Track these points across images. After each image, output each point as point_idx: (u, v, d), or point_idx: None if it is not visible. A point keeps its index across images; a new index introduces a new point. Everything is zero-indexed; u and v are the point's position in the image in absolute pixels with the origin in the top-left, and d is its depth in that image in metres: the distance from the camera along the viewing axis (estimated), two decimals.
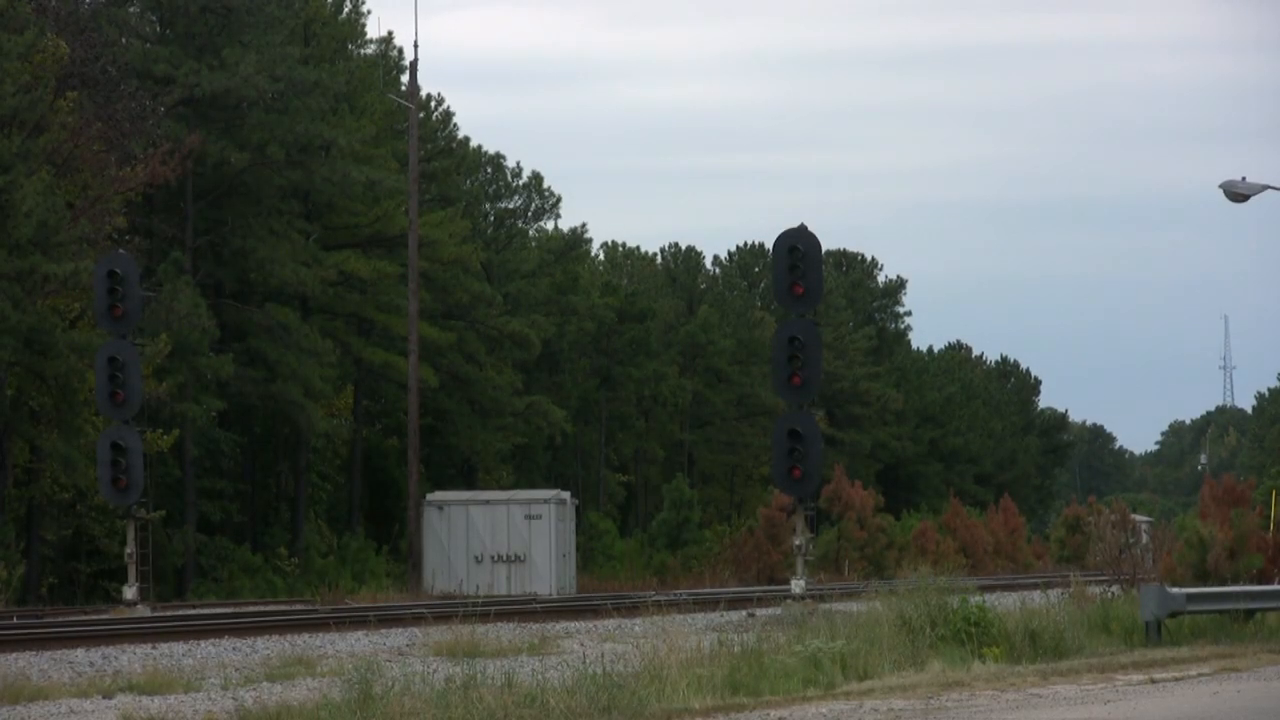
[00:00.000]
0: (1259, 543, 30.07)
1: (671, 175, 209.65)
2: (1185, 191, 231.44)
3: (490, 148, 72.43)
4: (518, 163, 73.09)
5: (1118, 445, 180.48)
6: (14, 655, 24.34)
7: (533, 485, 61.65)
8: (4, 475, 43.61)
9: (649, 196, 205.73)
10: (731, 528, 69.78)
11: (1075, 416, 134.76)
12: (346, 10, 59.48)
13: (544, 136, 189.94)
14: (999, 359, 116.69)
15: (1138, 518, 60.40)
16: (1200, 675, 21.41)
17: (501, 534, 47.40)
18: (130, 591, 35.45)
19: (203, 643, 26.86)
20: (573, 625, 30.95)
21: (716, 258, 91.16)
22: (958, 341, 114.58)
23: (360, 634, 28.24)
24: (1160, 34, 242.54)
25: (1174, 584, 27.76)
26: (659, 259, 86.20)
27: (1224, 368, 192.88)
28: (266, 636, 28.03)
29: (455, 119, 66.56)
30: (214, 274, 53.90)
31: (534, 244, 72.69)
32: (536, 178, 73.32)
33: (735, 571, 59.19)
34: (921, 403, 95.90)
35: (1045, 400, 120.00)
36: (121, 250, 39.82)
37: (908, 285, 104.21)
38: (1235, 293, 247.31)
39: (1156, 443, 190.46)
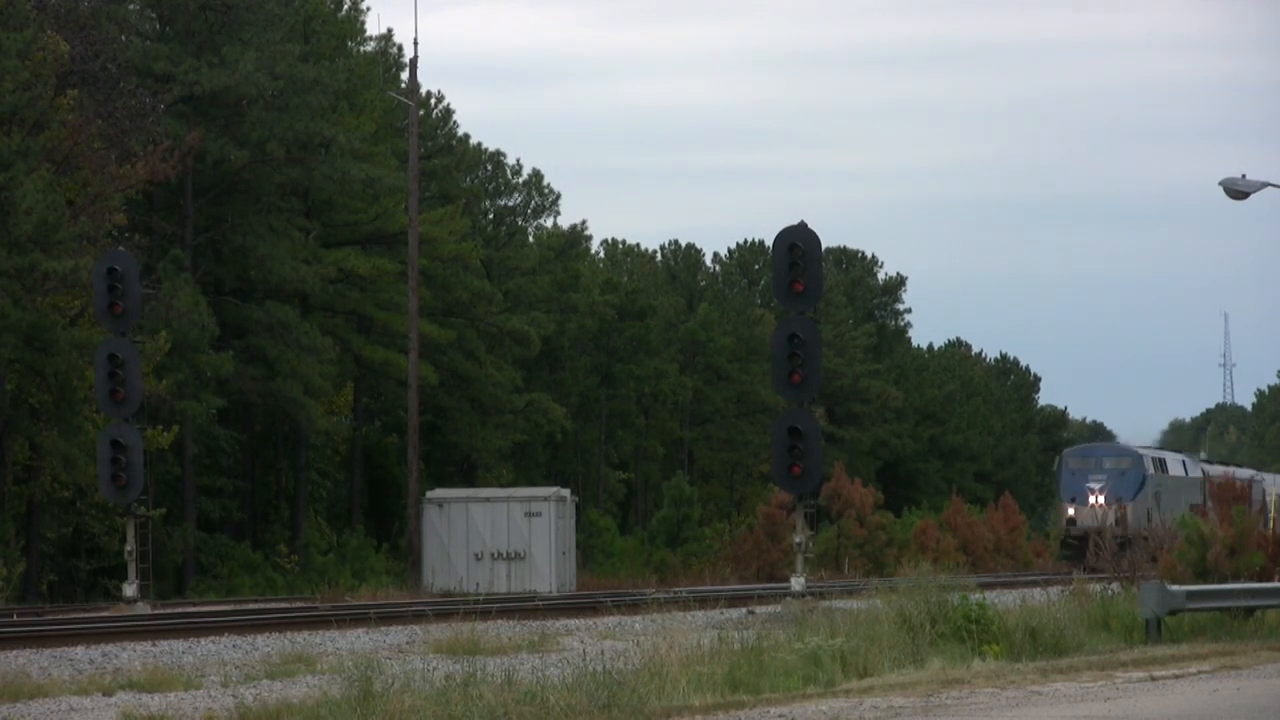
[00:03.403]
0: (1259, 540, 30.07)
1: (672, 173, 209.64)
2: (1185, 189, 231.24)
3: (490, 145, 72.64)
4: (518, 160, 73.18)
5: (1118, 443, 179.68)
6: (14, 653, 24.41)
7: (533, 483, 61.62)
8: (4, 473, 43.63)
9: (649, 194, 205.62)
10: (731, 525, 69.77)
11: (1075, 414, 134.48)
12: (346, 7, 59.49)
13: (544, 134, 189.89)
14: (999, 356, 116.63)
15: None
16: (1200, 673, 21.42)
17: (501, 531, 47.37)
18: (130, 589, 35.45)
19: (203, 640, 26.91)
20: (573, 623, 30.97)
21: (716, 255, 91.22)
22: (957, 339, 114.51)
23: (360, 631, 28.29)
24: (1160, 33, 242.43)
25: (1174, 581, 27.75)
26: (659, 256, 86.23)
27: (1224, 365, 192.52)
28: (266, 634, 28.11)
29: (455, 116, 66.68)
30: (214, 271, 53.95)
31: (534, 241, 72.69)
32: (536, 175, 73.35)
33: (735, 569, 59.16)
34: (921, 400, 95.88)
35: (1045, 398, 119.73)
36: (121, 248, 39.93)
37: (907, 283, 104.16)
38: (1235, 290, 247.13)
39: (1156, 440, 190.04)
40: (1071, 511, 59.89)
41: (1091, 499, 59.47)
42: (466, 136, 67.85)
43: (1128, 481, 59.82)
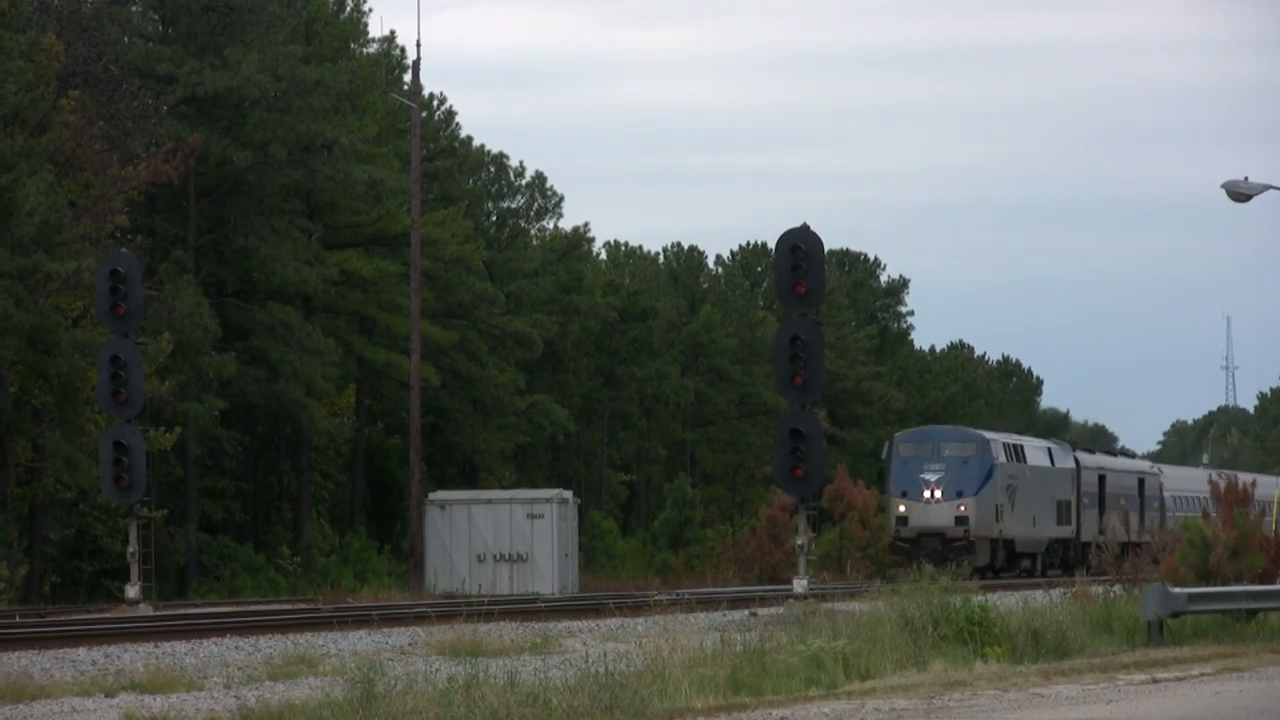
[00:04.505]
0: (1262, 543, 30.14)
1: (674, 175, 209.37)
2: (1187, 192, 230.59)
3: (493, 147, 72.58)
4: (520, 162, 73.30)
5: (1120, 445, 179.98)
6: (17, 654, 24.27)
7: (535, 484, 61.66)
8: (7, 474, 43.76)
9: (651, 196, 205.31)
10: (734, 527, 69.85)
11: (1077, 416, 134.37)
12: (348, 9, 59.66)
13: (546, 136, 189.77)
14: (1001, 358, 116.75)
15: None
16: (1202, 675, 21.52)
17: (504, 533, 47.41)
18: (132, 590, 35.50)
19: (205, 642, 26.84)
20: (575, 624, 30.89)
21: (719, 257, 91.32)
22: (960, 341, 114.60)
23: (363, 633, 28.20)
24: (1161, 35, 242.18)
25: (1176, 584, 27.83)
26: (661, 258, 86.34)
27: (1226, 368, 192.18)
28: (269, 635, 28.01)
29: (457, 118, 66.81)
30: (216, 273, 54.06)
31: (536, 243, 72.82)
32: (539, 177, 73.48)
33: (737, 571, 59.14)
34: (924, 402, 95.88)
35: (1047, 400, 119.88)
36: (124, 249, 39.99)
37: (910, 285, 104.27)
38: (1237, 293, 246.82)
39: (1159, 443, 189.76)
40: (903, 508, 50.37)
41: (926, 493, 50.06)
42: (469, 138, 68.03)
43: (970, 472, 50.20)
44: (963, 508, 49.74)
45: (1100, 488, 58.07)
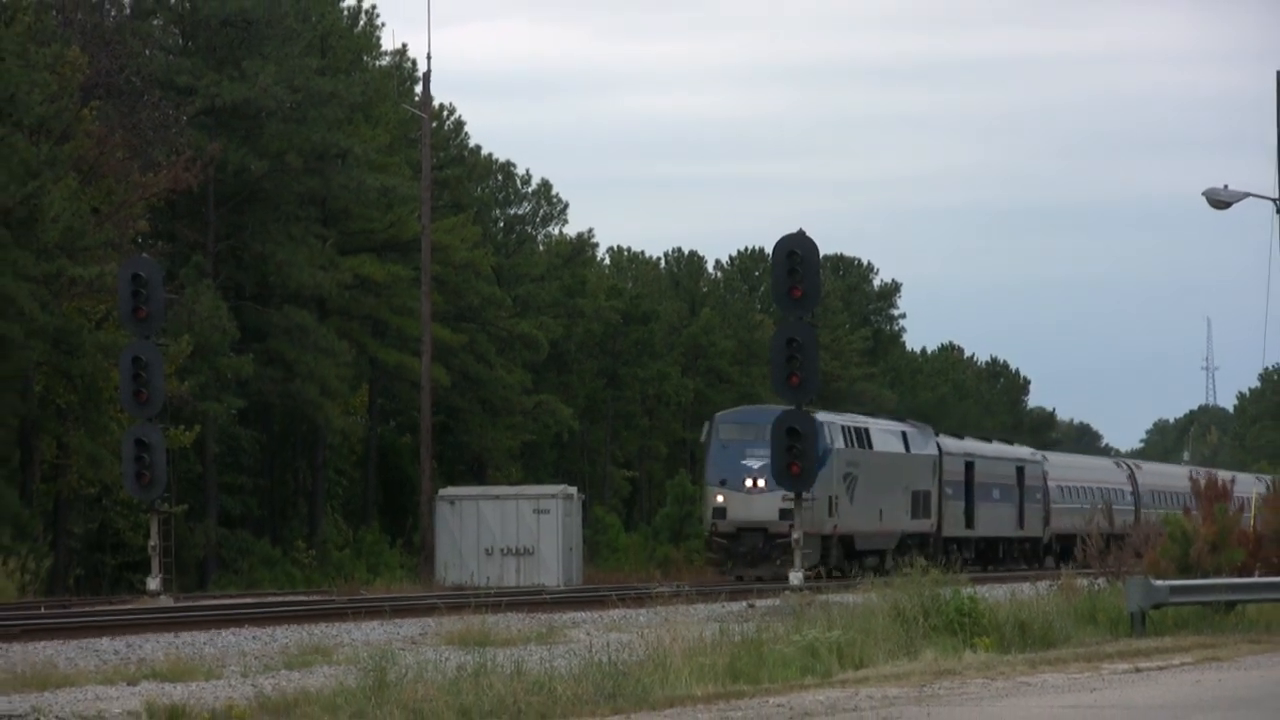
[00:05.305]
0: (1240, 537, 30.61)
1: (675, 182, 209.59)
2: (1170, 198, 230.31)
3: (501, 156, 72.91)
4: (527, 170, 73.82)
5: (1104, 443, 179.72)
6: (42, 644, 24.53)
7: (541, 481, 62.24)
8: (32, 470, 44.58)
9: (653, 203, 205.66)
10: None
11: (1063, 415, 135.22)
12: (362, 23, 60.15)
13: (552, 145, 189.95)
14: (990, 359, 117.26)
15: None
16: (1183, 665, 21.83)
17: (511, 528, 47.95)
18: (154, 583, 36.15)
19: (223, 632, 27.09)
20: (579, 615, 31.09)
21: (718, 262, 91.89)
22: (950, 343, 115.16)
23: (375, 624, 28.47)
24: (1148, 44, 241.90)
25: (1158, 577, 27.94)
26: (663, 263, 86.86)
27: (1206, 368, 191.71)
28: (285, 626, 28.20)
29: (467, 128, 67.43)
30: (234, 277, 54.70)
31: (542, 249, 73.52)
32: (545, 185, 74.07)
33: None
34: (915, 402, 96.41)
35: (1034, 399, 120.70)
36: (145, 254, 40.74)
37: (902, 288, 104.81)
38: (1217, 296, 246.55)
39: (1141, 440, 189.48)
40: (720, 499, 43.82)
41: (748, 481, 43.26)
42: (478, 147, 68.66)
43: None
44: (788, 499, 39.82)
45: (968, 476, 52.42)
